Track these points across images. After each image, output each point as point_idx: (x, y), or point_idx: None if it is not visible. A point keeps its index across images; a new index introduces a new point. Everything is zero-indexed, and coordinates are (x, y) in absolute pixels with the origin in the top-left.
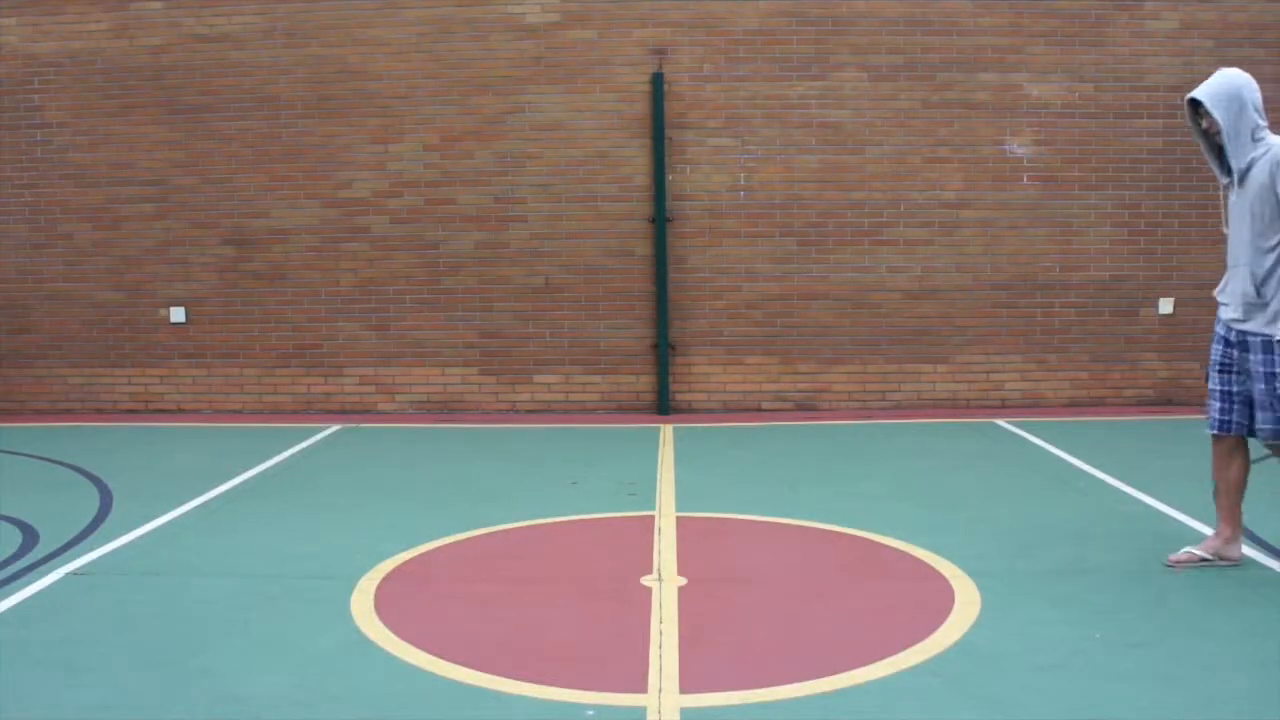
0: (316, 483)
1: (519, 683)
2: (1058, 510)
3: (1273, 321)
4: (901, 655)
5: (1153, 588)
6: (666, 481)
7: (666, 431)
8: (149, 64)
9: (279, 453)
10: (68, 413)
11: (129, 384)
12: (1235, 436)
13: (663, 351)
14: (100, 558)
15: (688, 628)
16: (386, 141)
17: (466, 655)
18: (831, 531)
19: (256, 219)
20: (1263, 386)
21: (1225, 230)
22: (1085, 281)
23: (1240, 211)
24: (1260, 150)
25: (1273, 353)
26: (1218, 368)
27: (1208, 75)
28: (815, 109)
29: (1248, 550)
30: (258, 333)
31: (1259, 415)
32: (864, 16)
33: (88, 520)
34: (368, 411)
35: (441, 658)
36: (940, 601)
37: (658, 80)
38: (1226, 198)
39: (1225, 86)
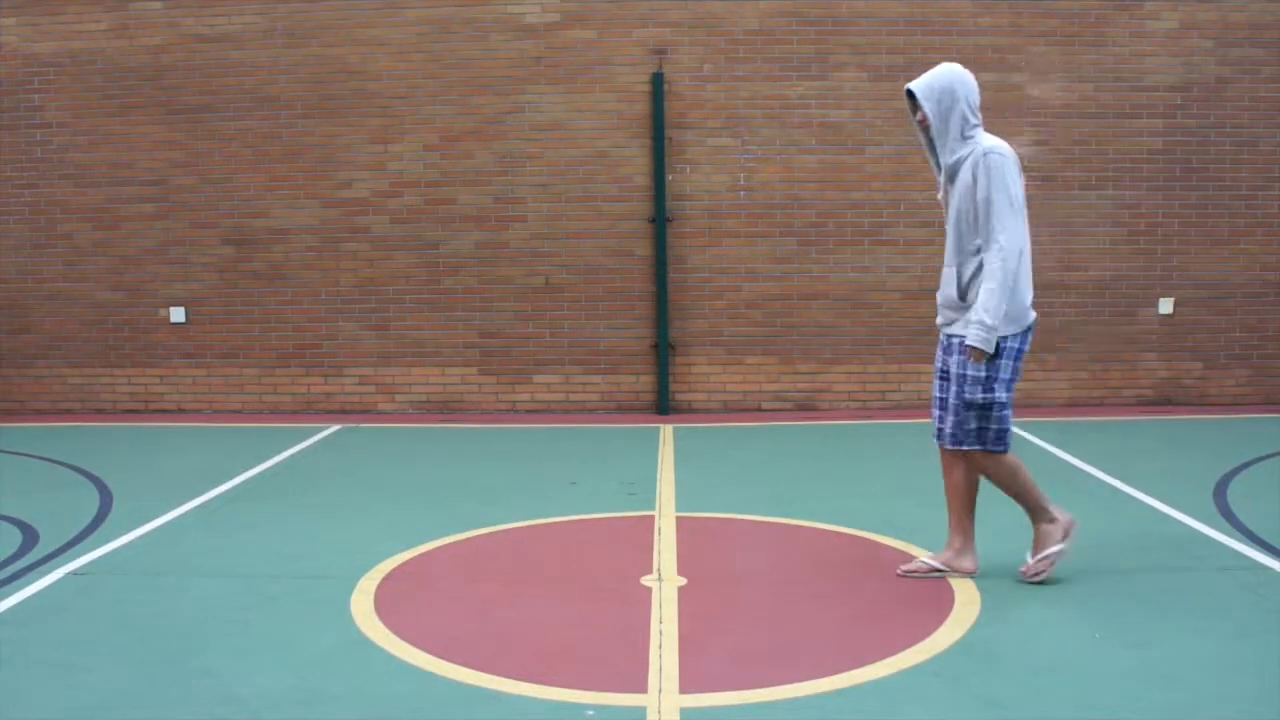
0: (316, 483)
1: (519, 683)
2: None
3: (971, 325)
4: (901, 655)
5: (1153, 588)
6: (666, 481)
7: (666, 431)
8: (149, 64)
9: (279, 453)
10: (68, 413)
11: (129, 384)
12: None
13: (663, 351)
14: (100, 558)
15: (688, 628)
16: (386, 141)
17: (466, 655)
18: (831, 531)
19: (256, 219)
20: (954, 388)
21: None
22: (1085, 281)
23: (950, 211)
24: (967, 150)
25: (959, 352)
26: (937, 374)
27: (1208, 75)
28: (815, 109)
29: (1248, 550)
30: (258, 333)
31: (946, 418)
32: (864, 16)
33: (88, 520)
34: (368, 411)
35: (441, 658)
36: (940, 601)
37: (658, 80)
38: (947, 194)
39: (940, 80)
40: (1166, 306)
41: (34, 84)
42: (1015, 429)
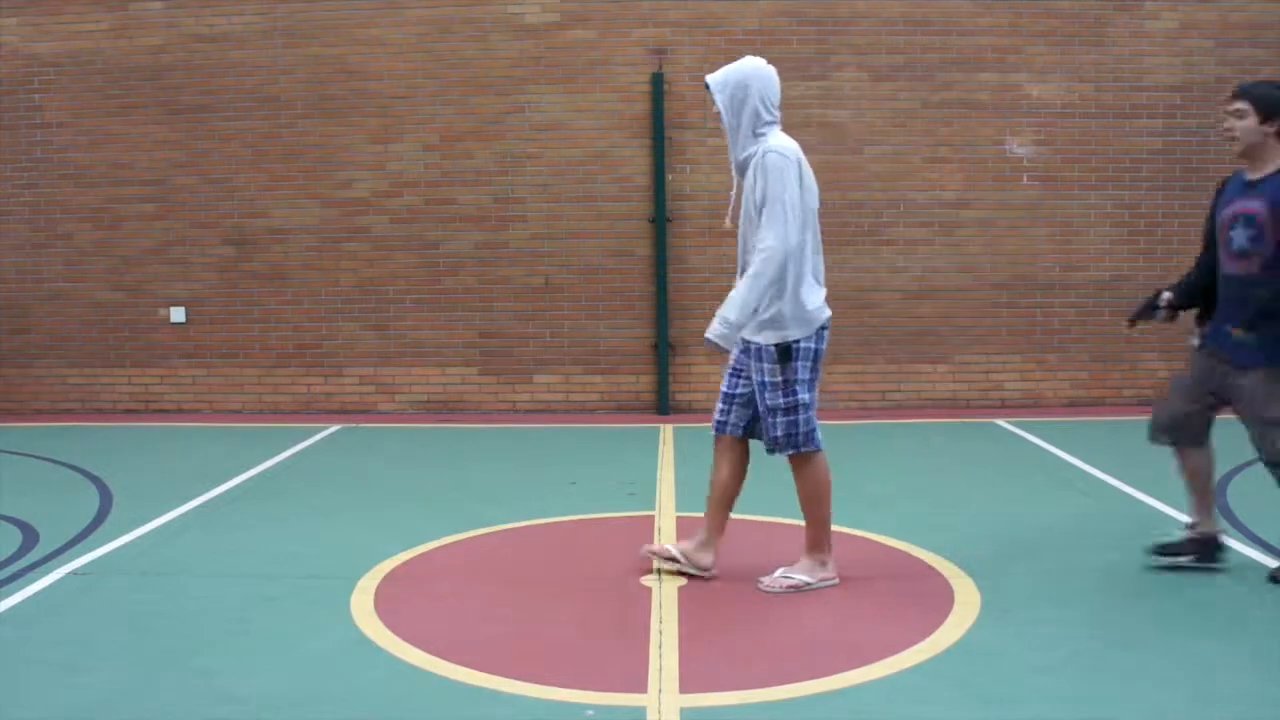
0: (316, 483)
1: (519, 683)
2: (1058, 510)
3: (761, 329)
4: (901, 655)
5: (1153, 588)
6: (666, 481)
7: (666, 431)
8: (149, 64)
9: (279, 453)
10: (68, 413)
11: (129, 384)
12: (730, 437)
13: (662, 351)
14: (100, 558)
15: (688, 628)
16: (386, 141)
17: (466, 655)
18: (831, 531)
19: (256, 219)
20: (759, 395)
21: (727, 224)
22: (1085, 281)
23: (741, 210)
24: (756, 148)
25: (762, 360)
26: (730, 370)
27: (1208, 75)
28: (815, 109)
29: (1248, 550)
30: (258, 333)
31: (729, 411)
32: (864, 16)
33: (88, 520)
34: (368, 411)
35: (441, 658)
36: (940, 601)
37: (658, 80)
38: (739, 192)
39: (735, 74)
40: None
41: (34, 84)
42: (1016, 429)
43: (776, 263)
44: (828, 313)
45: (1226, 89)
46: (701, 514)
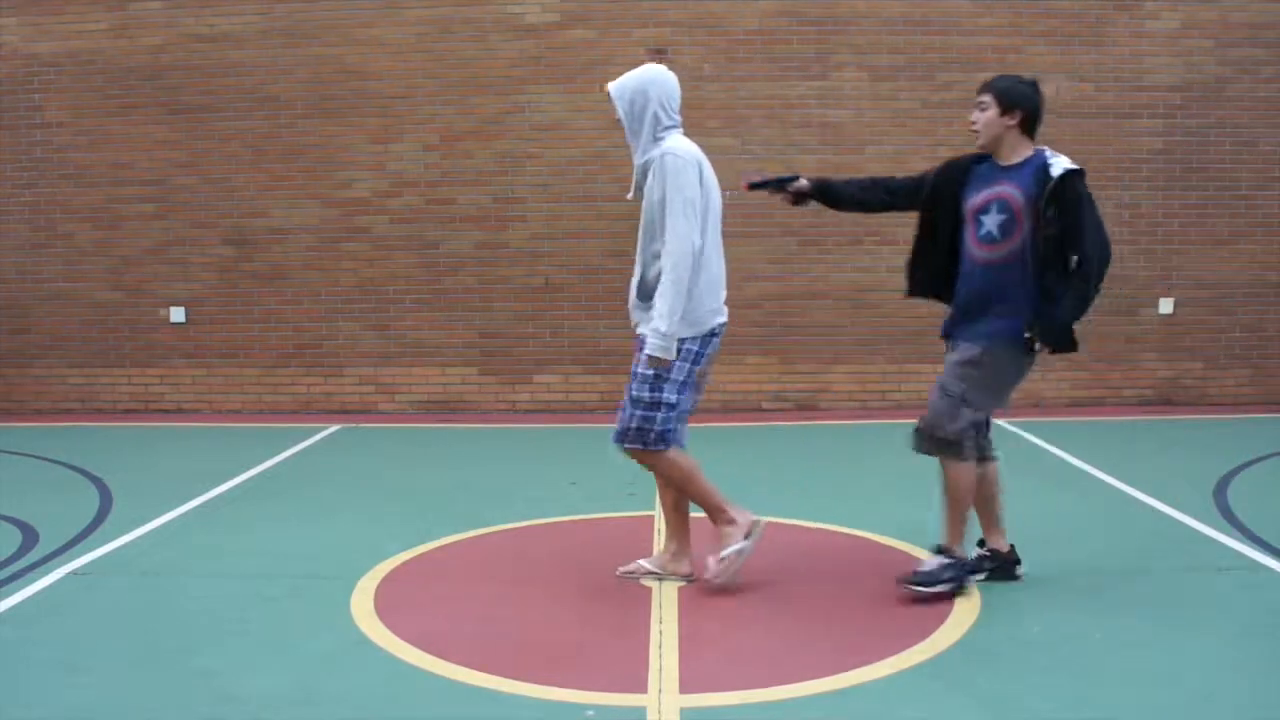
0: (316, 483)
1: (519, 683)
2: (1058, 510)
3: (651, 322)
4: (901, 655)
5: (1152, 588)
6: None
7: None
8: (149, 64)
9: (279, 453)
10: (68, 413)
11: (129, 384)
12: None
13: None
14: (100, 558)
15: (688, 628)
16: (386, 141)
17: (466, 655)
18: (831, 531)
19: (256, 219)
20: (630, 381)
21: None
22: None
23: (643, 216)
24: (655, 152)
25: (642, 351)
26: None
27: (1208, 75)
28: (815, 109)
29: (1248, 550)
30: (258, 333)
31: (620, 412)
32: (864, 16)
33: (88, 520)
34: (368, 411)
35: (441, 658)
36: (940, 602)
37: None
38: (640, 195)
39: (634, 80)
40: (1166, 306)
41: (34, 84)
42: (1016, 429)
43: (686, 263)
44: (722, 318)
45: (1226, 89)
46: (700, 514)
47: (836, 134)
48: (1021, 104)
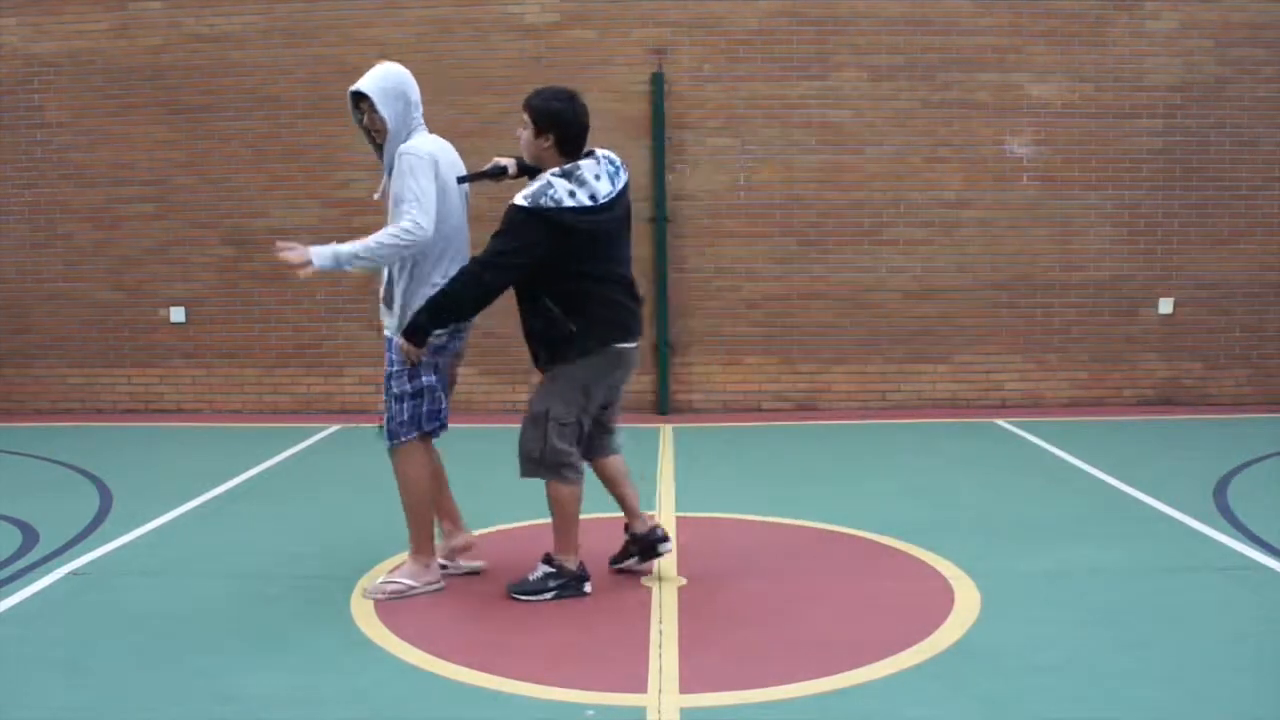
0: (316, 483)
1: (519, 683)
2: (1058, 510)
3: (400, 327)
4: (901, 655)
5: (1152, 588)
6: (666, 481)
7: (666, 431)
8: (149, 64)
9: (279, 453)
10: (68, 413)
11: (129, 384)
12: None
13: (662, 351)
14: (100, 558)
15: (688, 628)
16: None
17: (466, 655)
18: (831, 531)
19: (256, 219)
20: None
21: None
22: (1085, 281)
23: (390, 210)
24: (396, 151)
25: (390, 350)
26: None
27: (1208, 75)
28: (815, 109)
29: (1248, 550)
30: (258, 333)
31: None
32: (864, 16)
33: (88, 520)
34: (368, 411)
35: (441, 658)
36: (940, 601)
37: (658, 80)
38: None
39: (393, 83)
40: (1166, 306)
41: (34, 84)
42: (1015, 429)
43: (404, 242)
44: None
45: (1226, 89)
46: (700, 514)
47: (836, 134)
48: (554, 127)
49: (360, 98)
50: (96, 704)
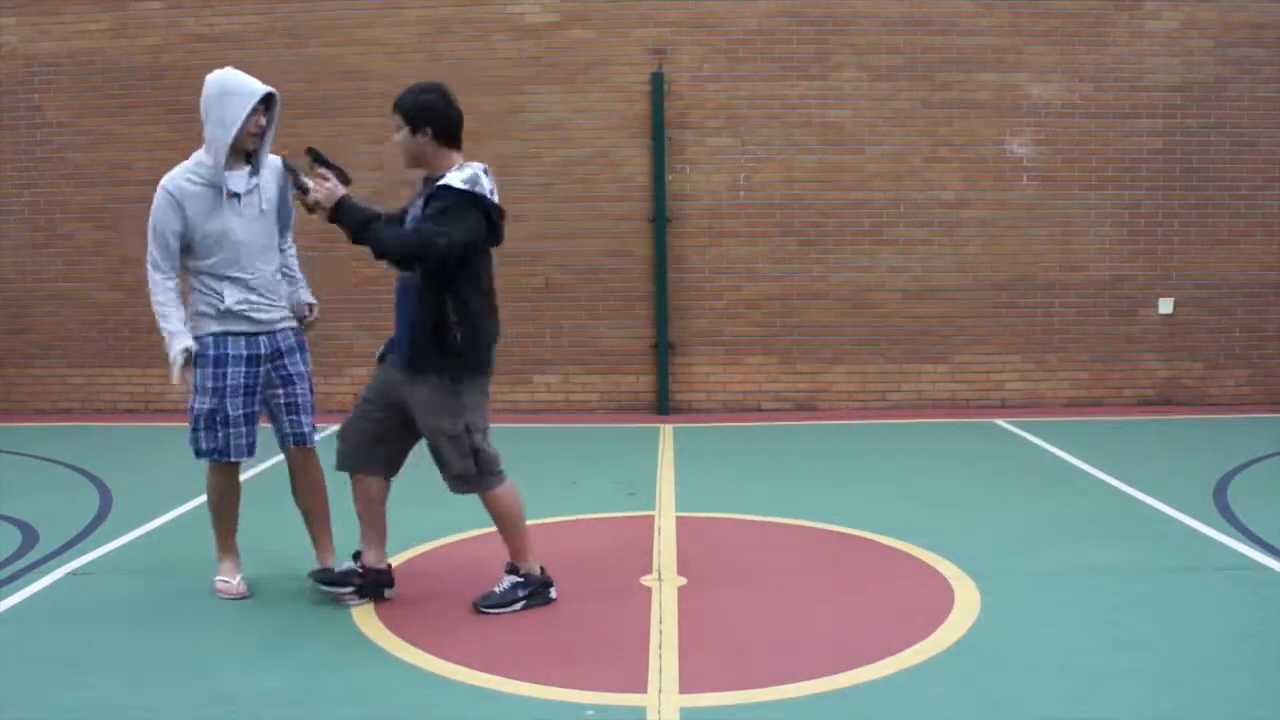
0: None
1: (519, 683)
2: (1058, 510)
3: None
4: (901, 655)
5: (1152, 588)
6: (666, 481)
7: (666, 431)
8: (148, 64)
9: (279, 453)
10: (67, 413)
11: (129, 384)
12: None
13: (662, 351)
14: (100, 558)
15: (688, 628)
16: (385, 141)
17: (466, 655)
18: (831, 531)
19: None
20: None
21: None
22: (1085, 281)
23: (268, 211)
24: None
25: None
26: (280, 381)
27: (1208, 75)
28: (815, 109)
29: (1248, 550)
30: None
31: (302, 420)
32: (864, 16)
33: (88, 520)
34: None
35: (441, 658)
36: (940, 601)
37: (658, 80)
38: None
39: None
40: (1166, 306)
41: (34, 84)
42: (1015, 429)
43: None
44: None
45: (1226, 89)
46: (700, 514)
47: (836, 134)
48: (429, 120)
49: (270, 99)
50: (96, 704)
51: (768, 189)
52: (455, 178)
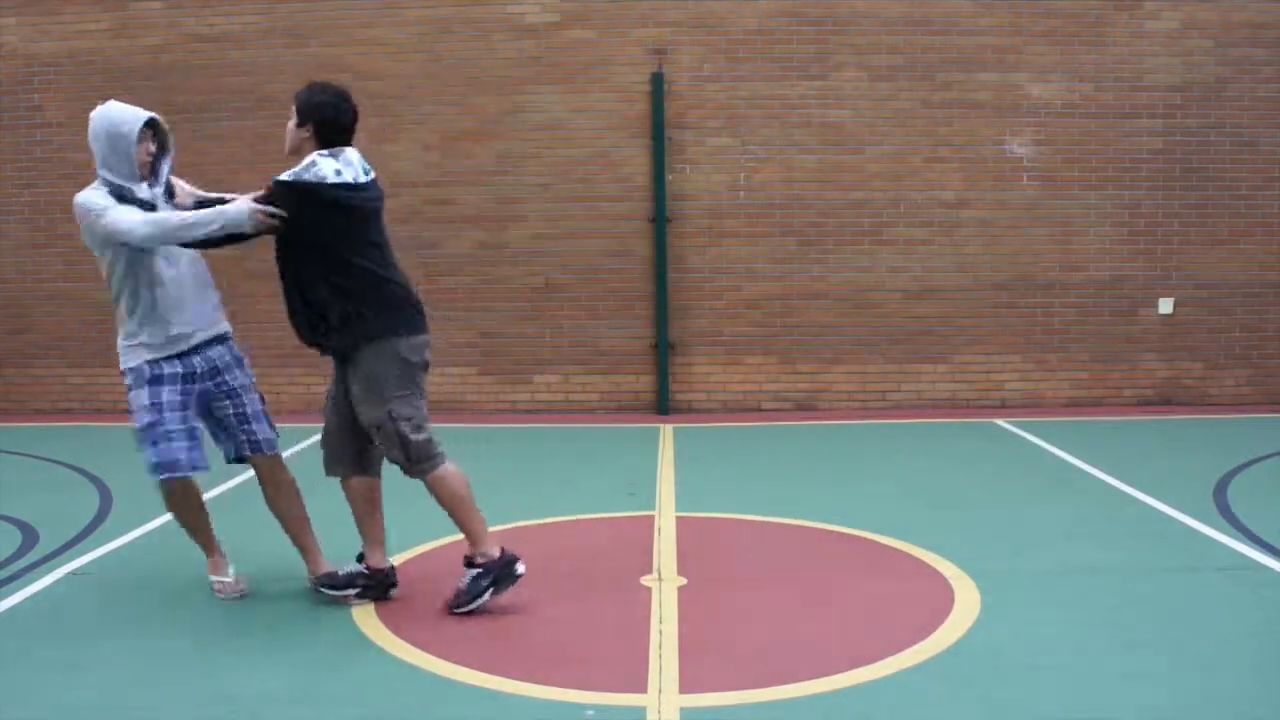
0: (316, 483)
1: (519, 683)
2: (1058, 510)
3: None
4: (901, 655)
5: (1152, 588)
6: (666, 481)
7: (666, 431)
8: (149, 64)
9: None
10: (67, 413)
11: None
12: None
13: (662, 351)
14: (100, 558)
15: (688, 628)
16: (385, 141)
17: (466, 655)
18: (831, 531)
19: None
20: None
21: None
22: (1085, 281)
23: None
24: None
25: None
26: (219, 394)
27: (1208, 75)
28: (815, 109)
29: (1248, 550)
30: (257, 333)
31: (257, 429)
32: (864, 16)
33: (88, 520)
34: None
35: (441, 658)
36: (940, 601)
37: (658, 80)
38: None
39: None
40: (1166, 306)
41: (34, 84)
42: (1015, 429)
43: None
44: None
45: (1226, 89)
46: (700, 514)
47: (836, 134)
48: (315, 120)
49: (154, 123)
50: (96, 704)
51: (768, 189)
52: (289, 170)
